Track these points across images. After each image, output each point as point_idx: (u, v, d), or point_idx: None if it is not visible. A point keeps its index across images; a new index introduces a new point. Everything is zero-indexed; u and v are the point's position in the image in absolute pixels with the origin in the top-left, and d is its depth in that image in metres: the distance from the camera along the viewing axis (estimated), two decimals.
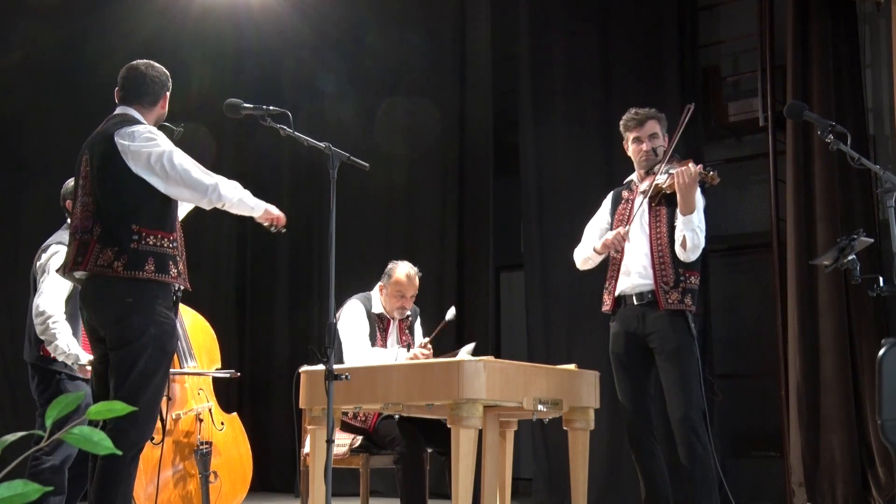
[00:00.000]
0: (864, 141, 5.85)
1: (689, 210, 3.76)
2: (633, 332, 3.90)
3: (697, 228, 3.79)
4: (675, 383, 3.77)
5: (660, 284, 3.83)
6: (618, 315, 3.97)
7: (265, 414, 7.77)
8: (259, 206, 3.33)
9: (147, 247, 3.13)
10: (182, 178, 3.13)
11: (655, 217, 3.93)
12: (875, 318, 5.78)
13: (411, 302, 4.45)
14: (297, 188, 8.42)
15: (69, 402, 1.17)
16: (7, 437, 1.17)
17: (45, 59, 7.17)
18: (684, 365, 3.77)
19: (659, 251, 3.87)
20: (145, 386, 3.11)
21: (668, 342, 3.80)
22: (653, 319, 3.84)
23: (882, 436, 3.08)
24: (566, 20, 7.05)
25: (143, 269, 3.10)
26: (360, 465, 4.34)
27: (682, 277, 3.84)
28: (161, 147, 3.16)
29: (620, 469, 6.27)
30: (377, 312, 4.42)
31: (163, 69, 3.42)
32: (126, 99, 3.36)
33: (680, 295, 3.83)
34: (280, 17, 7.84)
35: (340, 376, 2.99)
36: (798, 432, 5.79)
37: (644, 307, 3.87)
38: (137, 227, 3.12)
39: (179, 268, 3.23)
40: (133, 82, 3.35)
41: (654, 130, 4.02)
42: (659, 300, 3.82)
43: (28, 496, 1.08)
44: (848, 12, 6.12)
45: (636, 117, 4.04)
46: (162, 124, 3.45)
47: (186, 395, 4.49)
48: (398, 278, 4.37)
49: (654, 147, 3.99)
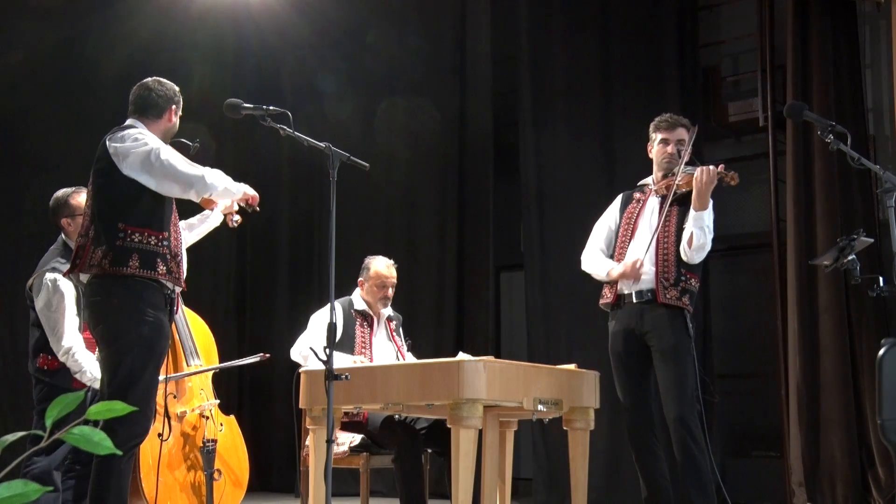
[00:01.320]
0: (864, 141, 5.85)
1: (702, 207, 3.80)
2: (632, 330, 3.92)
3: (706, 227, 3.82)
4: (671, 382, 3.78)
5: (660, 279, 3.86)
6: (617, 313, 3.99)
7: (265, 414, 7.77)
8: (240, 189, 3.45)
9: (132, 244, 3.19)
10: (169, 172, 3.19)
11: (665, 216, 3.95)
12: (875, 318, 5.78)
13: (392, 292, 4.55)
14: (297, 188, 8.42)
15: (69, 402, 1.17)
16: (7, 437, 1.17)
17: (45, 59, 7.16)
18: (680, 364, 3.78)
19: (664, 248, 3.89)
20: (133, 384, 3.16)
21: (664, 340, 3.82)
22: (651, 317, 3.86)
23: (882, 436, 3.08)
24: (566, 20, 7.05)
25: (126, 265, 3.16)
26: (360, 465, 4.35)
27: (683, 278, 3.87)
28: (148, 145, 3.21)
29: (620, 469, 6.27)
30: (359, 309, 4.48)
31: (171, 85, 3.49)
32: (133, 112, 3.45)
33: (678, 293, 3.85)
34: (280, 17, 7.84)
35: (340, 376, 2.99)
36: (798, 432, 5.79)
37: (643, 304, 3.90)
38: (123, 224, 3.19)
39: (170, 266, 3.26)
40: (140, 97, 3.45)
41: (683, 137, 4.04)
42: (657, 294, 3.84)
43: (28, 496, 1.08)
44: (848, 12, 6.12)
45: (669, 120, 4.07)
46: (177, 140, 3.51)
47: (192, 392, 4.50)
48: (378, 270, 4.53)
49: (676, 153, 4.02)
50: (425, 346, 6.51)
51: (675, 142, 4.02)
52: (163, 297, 3.28)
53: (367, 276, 4.54)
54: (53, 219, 4.08)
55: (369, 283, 4.52)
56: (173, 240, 3.33)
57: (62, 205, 4.04)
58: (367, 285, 4.54)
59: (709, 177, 3.76)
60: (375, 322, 4.52)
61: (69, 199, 4.04)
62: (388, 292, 4.53)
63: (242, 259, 8.63)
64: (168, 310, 3.31)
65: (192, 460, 4.36)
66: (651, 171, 4.16)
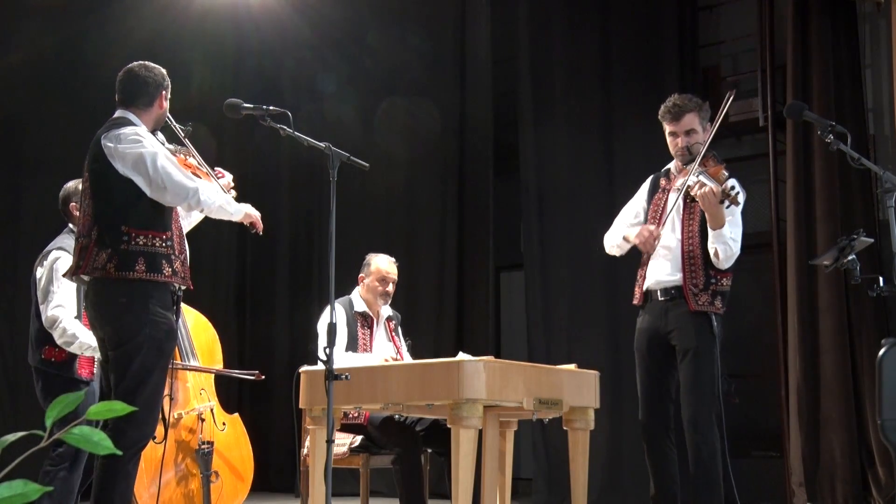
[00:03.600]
0: (864, 141, 5.85)
1: (717, 225, 3.70)
2: (657, 329, 3.85)
3: (730, 240, 3.73)
4: (690, 384, 3.74)
5: (689, 286, 3.77)
6: (645, 310, 3.93)
7: (265, 414, 7.76)
8: (238, 212, 3.41)
9: (137, 247, 3.15)
10: (164, 180, 3.15)
11: (689, 214, 3.85)
12: (875, 318, 5.78)
13: (392, 289, 4.53)
14: (297, 188, 8.42)
15: (69, 403, 1.17)
16: (7, 437, 1.17)
17: (45, 59, 7.16)
18: (701, 366, 3.72)
19: (690, 251, 3.80)
20: (142, 385, 3.14)
21: (688, 341, 3.75)
22: (676, 316, 3.79)
23: (882, 436, 3.08)
24: (566, 20, 7.06)
25: (133, 270, 3.13)
26: (360, 465, 4.35)
27: (713, 280, 3.78)
28: (146, 149, 3.17)
29: (620, 469, 6.27)
30: (360, 311, 4.47)
31: (158, 69, 3.41)
32: (123, 102, 3.37)
33: (710, 297, 3.77)
34: (280, 17, 7.84)
35: (340, 376, 2.99)
36: (798, 432, 5.79)
37: (668, 303, 3.82)
38: (127, 227, 3.15)
39: (175, 266, 3.24)
40: (128, 85, 3.36)
41: (692, 126, 3.87)
42: (688, 301, 3.76)
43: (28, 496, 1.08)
44: (848, 12, 6.12)
45: (672, 110, 3.88)
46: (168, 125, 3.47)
47: (189, 394, 4.50)
48: (379, 265, 4.52)
49: (688, 145, 3.87)
50: (425, 346, 6.51)
51: (684, 133, 3.87)
52: (170, 296, 3.26)
53: (368, 272, 4.52)
54: (63, 207, 4.09)
55: (370, 279, 4.50)
56: (177, 238, 3.30)
57: (73, 193, 4.04)
58: (367, 281, 4.52)
59: (712, 201, 3.63)
60: (375, 323, 4.51)
61: (79, 186, 4.06)
62: (389, 288, 4.51)
63: (242, 259, 8.63)
64: (175, 309, 3.30)
65: (189, 463, 4.36)
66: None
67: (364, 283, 4.53)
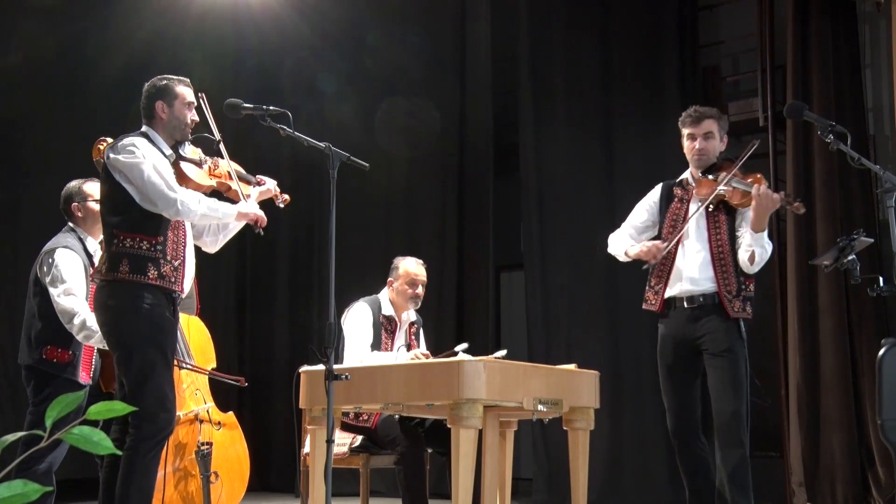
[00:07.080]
0: (864, 141, 5.86)
1: (761, 228, 3.74)
2: (683, 336, 3.85)
3: (767, 244, 3.78)
4: (721, 386, 3.75)
5: (724, 293, 3.79)
6: (669, 317, 3.92)
7: (265, 414, 7.76)
8: (228, 214, 3.43)
9: (123, 249, 3.26)
10: (149, 190, 3.24)
11: (714, 224, 3.87)
12: (875, 318, 5.78)
13: (422, 291, 4.49)
14: (297, 188, 8.40)
15: (69, 402, 1.17)
16: (7, 437, 1.17)
17: (45, 59, 7.16)
18: (732, 368, 3.74)
19: (721, 259, 3.82)
20: (145, 381, 3.23)
21: (719, 344, 3.77)
22: (704, 322, 3.81)
23: (882, 436, 3.08)
24: (566, 20, 7.06)
25: (118, 271, 3.25)
26: (360, 465, 4.35)
27: (744, 286, 3.82)
28: (137, 159, 3.27)
29: (620, 469, 6.27)
30: (387, 315, 4.44)
31: (154, 80, 3.48)
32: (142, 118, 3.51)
33: (742, 303, 3.80)
34: (280, 17, 7.84)
35: (340, 376, 2.99)
36: (798, 432, 5.79)
37: (695, 310, 3.83)
38: (117, 231, 3.29)
39: (164, 270, 3.29)
40: (141, 99, 3.50)
41: (710, 130, 3.96)
42: (726, 309, 3.78)
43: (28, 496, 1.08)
44: (848, 12, 6.12)
45: (693, 114, 3.98)
46: (200, 135, 3.52)
47: (184, 396, 4.49)
48: (407, 268, 4.48)
49: (706, 147, 3.94)
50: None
51: (702, 136, 3.93)
52: (164, 294, 3.32)
53: (397, 276, 4.47)
54: (65, 206, 4.09)
55: (399, 283, 4.45)
56: (171, 244, 3.34)
57: (75, 192, 4.06)
58: (396, 284, 4.46)
59: (771, 203, 3.70)
60: (398, 327, 4.49)
61: (82, 186, 4.08)
62: (419, 290, 4.46)
63: (242, 259, 8.62)
64: (172, 308, 3.36)
65: (187, 465, 4.35)
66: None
67: (393, 287, 4.48)
